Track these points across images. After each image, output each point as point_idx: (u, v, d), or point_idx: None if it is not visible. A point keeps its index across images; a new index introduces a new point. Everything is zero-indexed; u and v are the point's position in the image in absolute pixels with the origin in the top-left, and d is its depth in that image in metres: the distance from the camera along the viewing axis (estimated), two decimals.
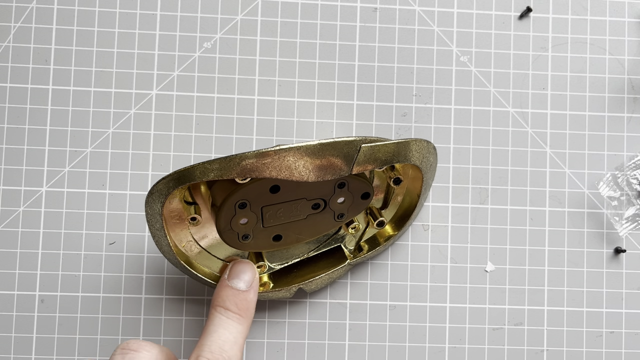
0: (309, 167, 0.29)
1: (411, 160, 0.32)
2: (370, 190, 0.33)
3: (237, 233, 0.32)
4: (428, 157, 0.33)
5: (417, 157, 0.32)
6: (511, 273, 0.38)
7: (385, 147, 0.30)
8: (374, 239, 0.37)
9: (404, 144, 0.31)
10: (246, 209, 0.31)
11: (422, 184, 0.34)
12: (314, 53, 0.38)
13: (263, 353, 0.37)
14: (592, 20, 0.39)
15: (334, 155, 0.29)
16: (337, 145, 0.29)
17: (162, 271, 0.37)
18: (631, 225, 0.38)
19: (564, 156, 0.39)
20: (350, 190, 0.32)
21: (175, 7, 0.38)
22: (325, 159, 0.29)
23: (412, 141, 0.31)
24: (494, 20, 0.39)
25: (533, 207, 0.38)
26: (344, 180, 0.31)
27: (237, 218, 0.31)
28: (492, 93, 0.39)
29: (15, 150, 0.37)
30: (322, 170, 0.29)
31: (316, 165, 0.29)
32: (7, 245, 0.36)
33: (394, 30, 0.38)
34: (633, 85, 0.39)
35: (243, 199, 0.30)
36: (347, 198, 0.32)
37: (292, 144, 0.28)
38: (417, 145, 0.32)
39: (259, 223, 0.32)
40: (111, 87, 0.37)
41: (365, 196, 0.33)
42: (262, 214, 0.31)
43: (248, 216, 0.31)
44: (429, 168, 0.34)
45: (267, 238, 0.33)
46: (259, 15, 0.38)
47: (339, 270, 0.36)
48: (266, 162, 0.28)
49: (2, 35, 0.37)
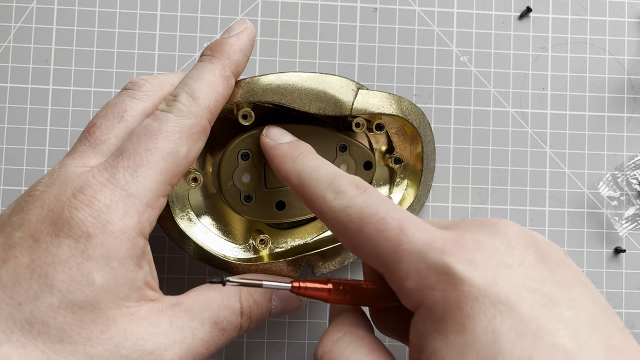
0: (310, 95, 0.31)
1: (404, 114, 0.33)
2: (371, 158, 0.33)
3: (238, 191, 0.31)
4: (422, 118, 0.34)
5: (412, 117, 0.34)
6: None
7: (381, 93, 0.33)
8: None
9: (398, 98, 0.33)
10: (249, 162, 0.31)
11: (422, 149, 0.35)
12: (314, 53, 0.38)
13: (263, 353, 0.37)
14: (592, 20, 0.39)
15: (332, 89, 0.31)
16: (336, 81, 0.32)
17: (163, 271, 0.37)
18: (631, 225, 0.38)
19: (564, 156, 0.39)
20: (352, 156, 0.33)
21: (175, 7, 0.38)
22: (325, 93, 0.31)
23: (406, 100, 0.34)
24: (494, 20, 0.39)
25: (533, 207, 0.38)
26: (344, 143, 0.33)
27: (240, 171, 0.31)
28: (492, 93, 0.39)
29: (15, 150, 0.37)
30: (322, 102, 0.31)
31: (316, 95, 0.31)
32: None
33: (394, 30, 0.39)
34: (633, 85, 0.39)
35: (247, 147, 0.31)
36: (350, 165, 0.33)
37: (293, 72, 0.31)
38: (411, 105, 0.34)
39: (261, 183, 0.32)
40: (111, 87, 0.37)
41: (368, 166, 0.33)
42: (265, 172, 0.32)
43: (251, 172, 0.31)
44: (424, 129, 0.34)
45: (270, 204, 0.32)
46: (259, 15, 0.38)
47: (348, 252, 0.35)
48: (268, 83, 0.30)
49: (2, 35, 0.37)
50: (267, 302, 0.29)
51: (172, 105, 0.26)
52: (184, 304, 0.26)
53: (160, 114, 0.26)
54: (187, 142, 0.26)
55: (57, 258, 0.23)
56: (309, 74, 0.31)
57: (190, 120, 0.26)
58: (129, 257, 0.24)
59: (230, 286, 0.27)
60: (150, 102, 0.28)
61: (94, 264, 0.23)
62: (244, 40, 0.29)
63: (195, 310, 0.26)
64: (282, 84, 0.31)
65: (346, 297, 0.26)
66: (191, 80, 0.27)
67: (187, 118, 0.26)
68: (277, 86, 0.31)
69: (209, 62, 0.28)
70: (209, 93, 0.27)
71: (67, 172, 0.25)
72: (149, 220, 0.25)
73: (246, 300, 0.28)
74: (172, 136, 0.25)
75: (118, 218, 0.24)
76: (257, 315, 0.29)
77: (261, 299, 0.29)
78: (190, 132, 0.26)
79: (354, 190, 0.25)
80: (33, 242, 0.23)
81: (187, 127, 0.26)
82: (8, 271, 0.23)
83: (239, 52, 0.29)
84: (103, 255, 0.23)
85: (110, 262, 0.23)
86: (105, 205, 0.24)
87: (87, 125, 0.27)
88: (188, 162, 0.26)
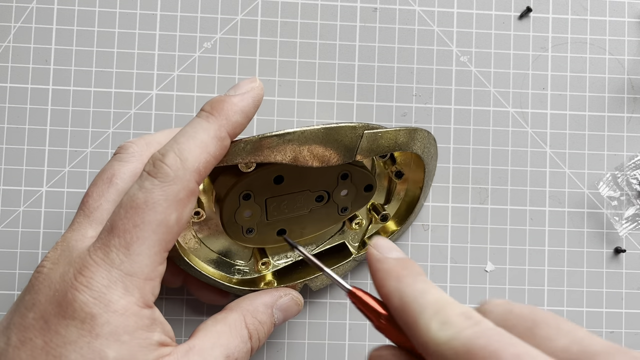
0: (312, 152, 0.29)
1: (413, 149, 0.32)
2: (373, 182, 0.33)
3: (241, 226, 0.32)
4: (429, 148, 0.33)
5: (419, 146, 0.32)
6: (511, 273, 0.38)
7: (388, 133, 0.30)
8: (378, 235, 0.37)
9: (406, 132, 0.31)
10: (250, 201, 0.31)
11: (424, 175, 0.34)
12: (314, 53, 0.38)
13: (263, 353, 0.37)
14: (592, 20, 0.39)
15: (337, 140, 0.29)
16: (341, 130, 0.29)
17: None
18: (631, 225, 0.38)
19: (564, 156, 0.39)
20: (354, 182, 0.32)
21: (175, 7, 0.38)
22: (329, 144, 0.29)
23: (414, 130, 0.32)
24: (494, 20, 0.39)
25: (533, 207, 0.38)
26: (346, 171, 0.32)
27: (242, 210, 0.31)
28: (492, 93, 0.39)
29: (15, 150, 0.37)
30: (326, 155, 0.29)
31: (320, 150, 0.29)
32: (7, 245, 0.36)
33: (394, 30, 0.38)
34: (633, 85, 0.39)
35: (247, 189, 0.30)
36: (350, 191, 0.33)
37: (296, 128, 0.28)
38: (419, 134, 0.32)
39: (262, 216, 0.32)
40: (111, 87, 0.37)
41: (368, 188, 0.33)
42: (266, 206, 0.31)
43: (252, 208, 0.31)
44: (430, 159, 0.34)
45: (271, 232, 0.33)
46: (259, 15, 0.38)
47: (344, 266, 0.36)
48: (271, 146, 0.28)
49: (2, 35, 0.37)
50: (270, 317, 0.30)
51: (158, 168, 0.25)
52: (195, 347, 0.26)
53: (145, 180, 0.25)
54: (176, 208, 0.25)
55: (67, 339, 0.23)
56: (313, 129, 0.29)
57: (176, 185, 0.25)
58: (138, 328, 0.24)
59: (236, 316, 0.29)
60: (138, 162, 0.28)
61: (104, 341, 0.23)
62: (247, 101, 0.27)
63: (207, 350, 0.26)
64: (285, 146, 0.29)
65: (394, 333, 0.25)
66: (183, 138, 0.26)
67: (173, 184, 0.25)
68: (281, 149, 0.29)
69: (205, 120, 0.27)
70: (199, 154, 0.26)
71: (69, 248, 0.25)
72: (151, 291, 0.25)
73: (252, 324, 0.29)
74: (159, 207, 0.25)
75: (119, 297, 0.24)
76: (264, 333, 0.29)
77: (264, 317, 0.30)
78: (177, 199, 0.25)
79: (464, 321, 0.21)
80: (44, 323, 0.24)
81: (174, 194, 0.25)
82: (26, 354, 0.23)
83: (239, 114, 0.27)
84: (111, 332, 0.23)
85: (120, 337, 0.24)
86: (105, 286, 0.24)
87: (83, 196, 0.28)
88: (180, 227, 0.26)
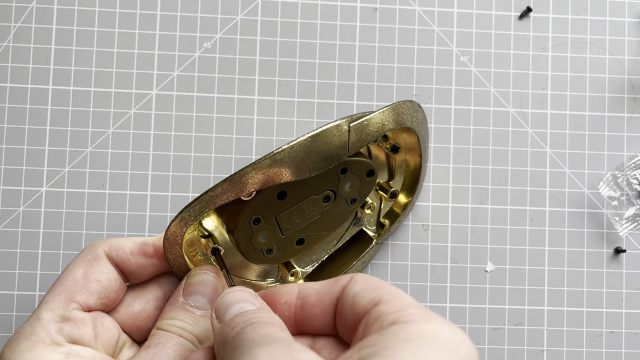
0: (307, 162, 0.29)
1: (401, 124, 0.32)
2: (372, 166, 0.33)
3: (260, 250, 0.32)
4: (416, 116, 0.33)
5: (406, 118, 0.32)
6: (511, 273, 0.38)
7: (373, 119, 0.30)
8: (392, 212, 0.37)
9: (390, 110, 0.31)
10: (261, 224, 0.31)
11: (419, 142, 0.34)
12: (314, 53, 0.38)
13: None
14: (592, 20, 0.39)
15: (327, 143, 0.29)
16: (327, 133, 0.29)
17: None
18: (631, 225, 0.38)
19: (564, 156, 0.39)
20: (354, 173, 0.32)
21: (175, 7, 0.38)
22: (321, 149, 0.29)
23: (396, 105, 0.32)
24: (494, 20, 0.39)
25: (533, 207, 0.38)
26: (345, 165, 0.32)
27: (256, 235, 0.31)
28: (492, 93, 0.39)
29: (15, 150, 0.37)
30: (321, 161, 0.29)
31: (314, 158, 0.29)
32: (7, 245, 0.36)
33: (394, 30, 0.38)
34: (633, 85, 0.39)
35: (255, 214, 0.31)
36: (354, 182, 0.33)
37: (283, 145, 0.28)
38: (402, 107, 0.32)
39: (278, 234, 0.32)
40: (111, 87, 0.37)
41: (370, 174, 0.33)
42: (278, 223, 0.32)
43: (265, 230, 0.31)
44: (420, 125, 0.34)
45: (291, 245, 0.33)
46: (259, 15, 0.38)
47: (370, 252, 0.36)
48: (265, 171, 0.28)
49: (2, 35, 0.37)
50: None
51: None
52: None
53: None
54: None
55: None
56: (299, 140, 0.28)
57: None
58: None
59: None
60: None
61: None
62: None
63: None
64: (276, 169, 0.28)
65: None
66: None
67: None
68: (273, 171, 0.28)
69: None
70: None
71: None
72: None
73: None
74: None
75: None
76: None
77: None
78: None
79: None
80: None
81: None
82: None
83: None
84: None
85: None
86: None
87: None
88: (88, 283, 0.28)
